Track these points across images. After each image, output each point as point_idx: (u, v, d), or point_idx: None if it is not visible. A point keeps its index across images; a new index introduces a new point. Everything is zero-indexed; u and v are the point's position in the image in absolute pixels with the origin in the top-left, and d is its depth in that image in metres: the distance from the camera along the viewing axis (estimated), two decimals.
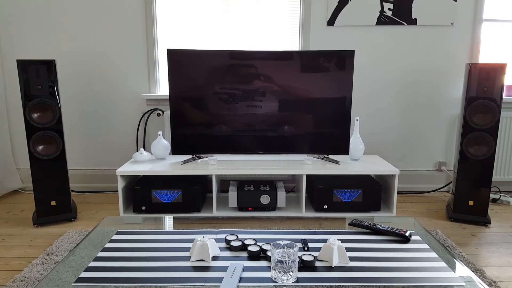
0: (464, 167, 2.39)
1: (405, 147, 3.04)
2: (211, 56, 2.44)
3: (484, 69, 2.28)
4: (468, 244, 2.13)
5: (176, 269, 1.23)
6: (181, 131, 2.51)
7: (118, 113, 2.98)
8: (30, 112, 2.25)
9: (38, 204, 2.34)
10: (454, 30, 2.86)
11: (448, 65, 2.91)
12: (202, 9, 2.84)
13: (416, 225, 1.61)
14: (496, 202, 2.82)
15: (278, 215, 2.43)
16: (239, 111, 2.50)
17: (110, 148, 3.03)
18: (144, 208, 2.41)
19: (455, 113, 2.98)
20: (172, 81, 2.45)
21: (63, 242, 2.09)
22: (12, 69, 2.90)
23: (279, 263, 1.14)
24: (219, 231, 1.52)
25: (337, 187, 2.42)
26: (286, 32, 2.89)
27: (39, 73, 2.25)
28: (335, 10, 2.81)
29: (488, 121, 2.31)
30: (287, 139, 2.54)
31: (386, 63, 2.92)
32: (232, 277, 1.15)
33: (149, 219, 1.68)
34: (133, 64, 2.91)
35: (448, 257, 1.32)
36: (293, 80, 2.47)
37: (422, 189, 3.07)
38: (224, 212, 2.47)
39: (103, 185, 3.06)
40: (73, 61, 2.90)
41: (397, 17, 2.83)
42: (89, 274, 1.20)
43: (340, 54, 2.45)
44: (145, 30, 2.85)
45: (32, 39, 2.86)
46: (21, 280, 1.70)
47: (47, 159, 2.31)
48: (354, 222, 1.57)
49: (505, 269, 1.85)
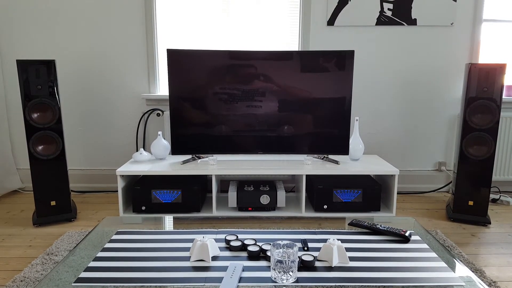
0: (464, 167, 2.39)
1: (404, 147, 3.04)
2: (211, 56, 2.44)
3: (484, 69, 2.28)
4: (468, 244, 2.13)
5: (176, 269, 1.23)
6: (181, 131, 2.51)
7: (118, 113, 2.98)
8: (30, 112, 2.25)
9: (38, 204, 2.34)
10: (454, 30, 2.87)
11: (448, 65, 2.92)
12: (202, 9, 2.84)
13: (416, 225, 1.61)
14: (496, 202, 2.82)
15: (278, 215, 2.43)
16: (239, 111, 2.50)
17: (110, 148, 3.03)
18: (144, 208, 2.41)
19: (454, 113, 2.98)
20: (172, 81, 2.45)
21: (63, 242, 2.09)
22: (12, 69, 2.90)
23: (279, 263, 1.14)
24: (219, 231, 1.52)
25: (337, 187, 2.42)
26: (286, 32, 2.89)
27: (39, 73, 2.25)
28: (335, 10, 2.82)
29: (488, 121, 2.31)
30: (286, 139, 2.54)
31: (386, 63, 2.92)
32: (232, 277, 1.15)
33: (149, 219, 1.68)
34: (133, 64, 2.91)
35: (448, 257, 1.32)
36: (293, 80, 2.47)
37: (422, 189, 3.07)
38: (224, 212, 2.47)
39: (103, 185, 3.06)
40: (73, 61, 2.90)
41: (397, 17, 2.83)
42: (89, 274, 1.20)
43: (340, 54, 2.45)
44: (145, 30, 2.85)
45: (32, 39, 2.86)
46: (21, 280, 1.70)
47: (47, 159, 2.31)
48: (354, 222, 1.57)
49: (505, 269, 1.85)
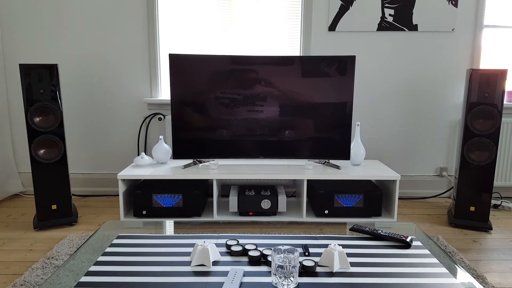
0: (465, 172, 2.39)
1: (406, 152, 3.04)
2: (213, 61, 2.45)
3: (485, 75, 2.29)
4: (470, 250, 2.12)
5: (176, 274, 1.23)
6: (182, 135, 2.52)
7: (120, 117, 2.98)
8: (32, 116, 2.26)
9: (38, 208, 2.34)
10: (455, 36, 2.87)
11: (449, 70, 2.92)
12: (204, 14, 2.86)
13: (417, 231, 1.61)
14: (497, 208, 2.81)
15: (278, 220, 2.43)
16: (240, 115, 2.50)
17: (111, 152, 3.03)
18: (144, 213, 2.41)
19: (456, 118, 2.98)
20: (173, 85, 2.46)
21: (63, 246, 2.08)
22: (14, 73, 2.91)
23: (280, 268, 1.13)
24: (220, 235, 1.52)
25: (338, 192, 2.42)
26: (287, 37, 2.90)
27: (41, 77, 2.26)
28: (336, 15, 2.83)
29: (489, 126, 2.31)
30: (288, 144, 2.54)
31: (387, 69, 2.93)
32: (232, 282, 1.15)
33: (149, 224, 1.67)
34: (135, 69, 2.92)
35: (449, 263, 1.32)
36: (294, 85, 2.47)
37: (423, 194, 3.07)
38: (225, 217, 2.46)
39: (104, 189, 3.06)
40: (75, 66, 2.91)
41: (398, 23, 2.84)
42: (90, 279, 1.20)
43: (341, 59, 2.46)
44: (147, 34, 2.86)
45: (34, 43, 2.87)
46: (21, 284, 1.69)
47: (49, 163, 2.32)
48: (355, 228, 1.56)
49: (506, 275, 1.84)
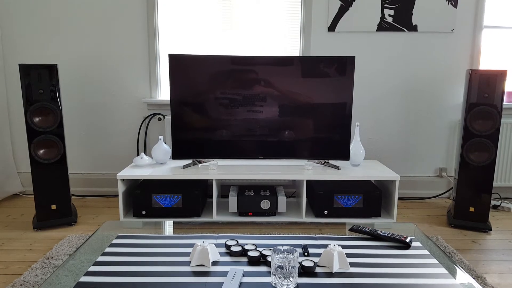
0: (465, 173, 2.39)
1: (405, 152, 3.04)
2: (212, 61, 2.45)
3: (485, 76, 2.29)
4: (469, 250, 2.12)
5: (175, 274, 1.23)
6: (182, 135, 2.52)
7: (119, 117, 2.98)
8: (32, 116, 2.26)
9: (38, 208, 2.34)
10: (455, 37, 2.88)
11: (448, 71, 2.92)
12: (204, 14, 2.86)
13: (417, 231, 1.61)
14: (497, 209, 2.82)
15: (278, 220, 2.43)
16: (240, 116, 2.50)
17: (111, 152, 3.03)
18: (144, 213, 2.41)
19: (455, 119, 2.98)
20: (173, 86, 2.46)
21: (63, 246, 2.08)
22: (14, 73, 2.91)
23: (279, 268, 1.13)
24: (219, 236, 1.52)
25: (338, 193, 2.42)
26: (286, 38, 2.90)
27: (41, 77, 2.25)
28: (336, 16, 2.83)
29: (489, 127, 2.31)
30: (287, 144, 2.54)
31: (387, 69, 2.93)
32: (232, 283, 1.15)
33: (149, 224, 1.67)
34: (135, 69, 2.92)
35: (448, 264, 1.32)
36: (294, 85, 2.48)
37: (423, 195, 3.07)
38: (224, 217, 2.46)
39: (104, 189, 3.06)
40: (75, 66, 2.91)
41: (397, 24, 2.84)
42: (89, 279, 1.20)
43: (340, 60, 2.46)
44: (147, 34, 2.86)
45: (34, 43, 2.87)
46: (21, 284, 1.69)
47: (48, 163, 2.32)
48: (355, 228, 1.56)
49: (506, 276, 1.84)
